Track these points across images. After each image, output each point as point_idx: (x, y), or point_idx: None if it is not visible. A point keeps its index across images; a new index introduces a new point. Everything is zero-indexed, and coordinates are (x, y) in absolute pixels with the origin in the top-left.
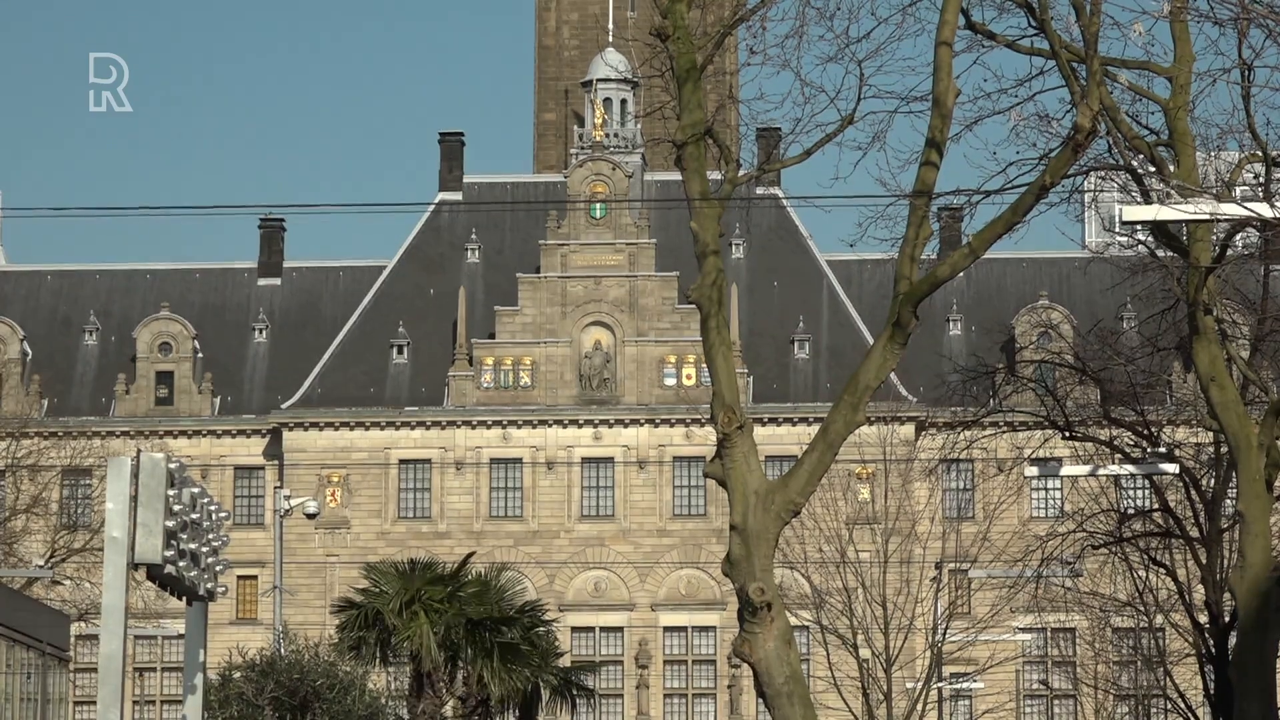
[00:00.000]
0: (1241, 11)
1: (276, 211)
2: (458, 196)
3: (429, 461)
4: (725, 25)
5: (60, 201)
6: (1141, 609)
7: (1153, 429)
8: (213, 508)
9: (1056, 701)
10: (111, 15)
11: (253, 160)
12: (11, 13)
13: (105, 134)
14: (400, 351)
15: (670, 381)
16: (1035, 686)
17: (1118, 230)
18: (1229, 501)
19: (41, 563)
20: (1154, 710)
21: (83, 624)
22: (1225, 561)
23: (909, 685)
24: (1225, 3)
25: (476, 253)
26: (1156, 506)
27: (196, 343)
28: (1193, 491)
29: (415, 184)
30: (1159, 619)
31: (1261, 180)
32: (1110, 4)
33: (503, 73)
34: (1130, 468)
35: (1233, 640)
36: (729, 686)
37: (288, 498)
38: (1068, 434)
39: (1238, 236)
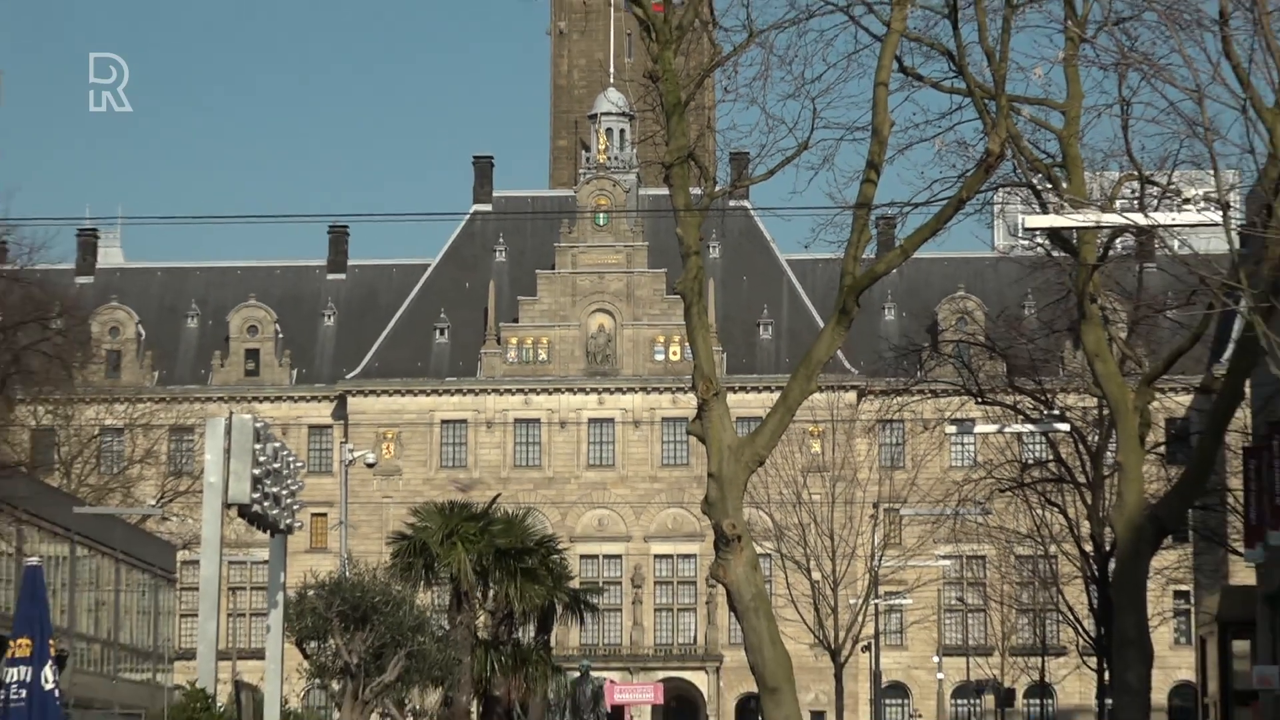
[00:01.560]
0: (1121, 58)
1: (342, 220)
2: (488, 208)
3: (465, 421)
4: (704, 69)
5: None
6: (1039, 540)
7: (1048, 395)
8: (290, 458)
9: (970, 615)
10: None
11: (322, 176)
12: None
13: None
14: (442, 333)
15: (660, 357)
16: (953, 603)
17: (1021, 235)
18: (1110, 454)
19: (153, 503)
20: (1048, 622)
21: (186, 552)
22: (1106, 502)
23: (851, 602)
24: (1108, 51)
25: (503, 253)
26: (1051, 458)
27: (277, 326)
28: (1080, 446)
29: (453, 197)
30: (1053, 548)
31: (1137, 195)
32: (1015, 52)
33: (525, 107)
34: (1030, 426)
35: (1112, 565)
36: (707, 603)
37: (351, 451)
38: (980, 399)
39: (1118, 240)
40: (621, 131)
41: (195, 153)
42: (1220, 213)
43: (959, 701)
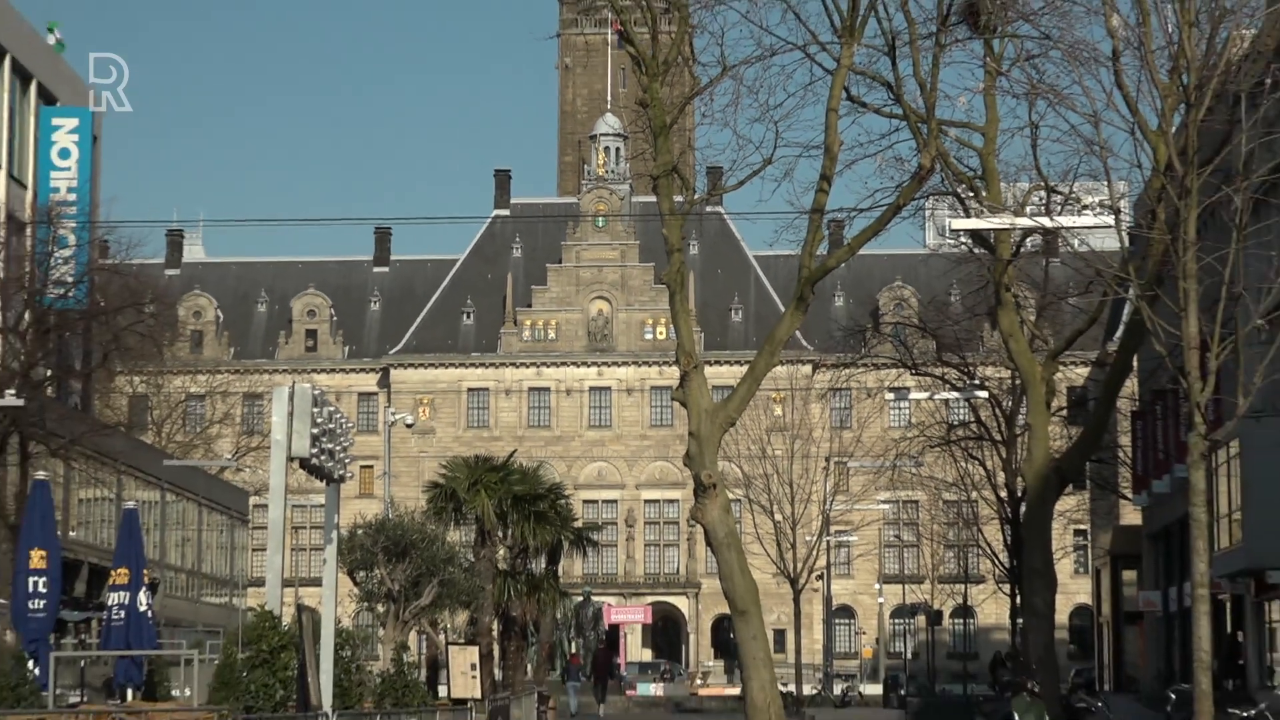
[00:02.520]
0: (1031, 89)
1: (386, 222)
2: (506, 213)
3: (487, 389)
4: (685, 98)
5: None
6: (962, 488)
7: (970, 368)
8: (342, 420)
9: (905, 550)
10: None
11: (369, 185)
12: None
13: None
14: (468, 316)
15: (649, 336)
16: (891, 539)
17: (948, 235)
18: (1021, 416)
19: (229, 457)
20: (970, 555)
21: (256, 497)
22: (1018, 456)
23: (807, 539)
24: (1020, 83)
25: (519, 250)
26: (972, 420)
27: (332, 310)
28: (996, 410)
29: (478, 204)
30: (974, 495)
31: (1044, 202)
32: (943, 83)
33: (537, 128)
34: (955, 394)
35: (1023, 509)
36: (687, 540)
37: (393, 414)
38: (914, 371)
39: (1028, 240)
40: (617, 149)
41: (266, 162)
42: (1113, 217)
43: (896, 621)
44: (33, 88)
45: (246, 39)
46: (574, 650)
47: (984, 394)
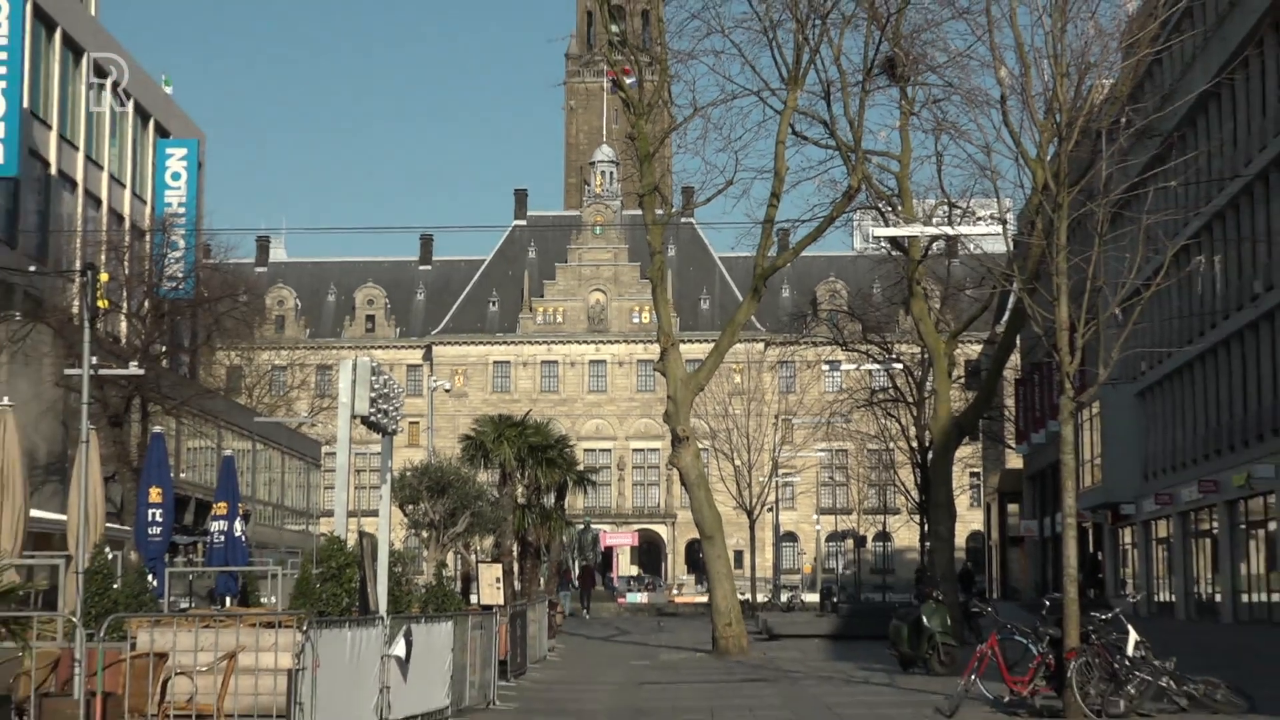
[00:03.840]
0: (937, 125)
1: (429, 229)
2: (524, 222)
3: (509, 362)
4: (664, 132)
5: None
6: (882, 439)
7: (889, 345)
8: (394, 386)
9: (837, 488)
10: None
11: (416, 199)
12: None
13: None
14: (494, 304)
15: (636, 321)
16: (826, 480)
17: (871, 240)
18: (928, 383)
19: (305, 415)
20: (888, 492)
21: (327, 446)
22: (926, 414)
23: (760, 479)
24: (928, 120)
25: (534, 252)
26: (890, 386)
27: (386, 300)
28: (909, 378)
29: (501, 215)
30: (891, 445)
31: (947, 214)
32: (868, 121)
33: (548, 155)
34: (876, 366)
35: (929, 456)
36: (666, 480)
37: (435, 381)
38: (844, 347)
39: (934, 244)
40: (611, 173)
41: (335, 181)
42: (1000, 226)
43: (830, 544)
44: (151, 124)
45: (322, 84)
46: (568, 567)
47: (899, 366)
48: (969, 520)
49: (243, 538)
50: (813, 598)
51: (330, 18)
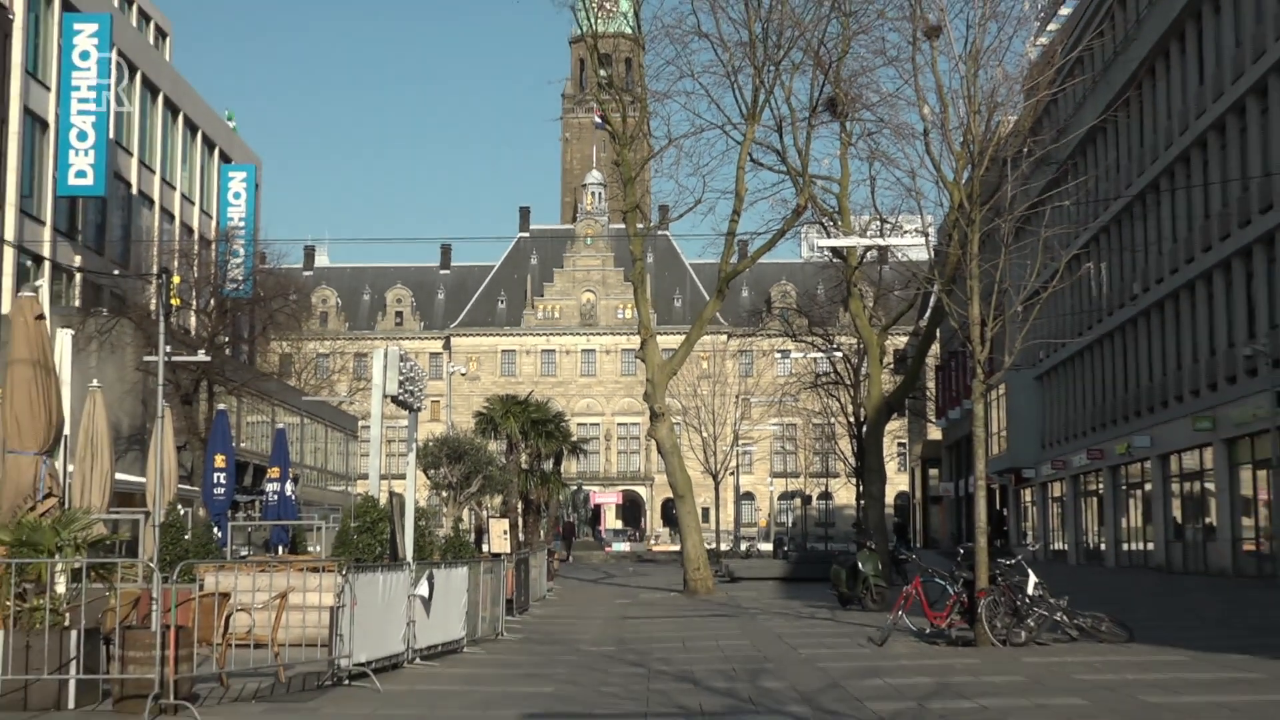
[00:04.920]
0: (870, 154)
1: (448, 239)
2: (527, 234)
3: (514, 351)
4: (644, 160)
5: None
6: (825, 415)
7: (830, 337)
8: (419, 370)
9: (788, 455)
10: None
11: (439, 214)
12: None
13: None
14: (502, 303)
15: (620, 316)
16: (778, 449)
17: (816, 249)
18: (863, 369)
19: (345, 395)
20: (829, 459)
21: (363, 421)
22: (860, 395)
23: (723, 448)
24: (863, 150)
25: (535, 259)
26: (832, 371)
27: (413, 299)
28: (848, 364)
29: (508, 228)
30: (832, 420)
31: (878, 228)
32: (814, 150)
33: (548, 179)
34: (821, 354)
35: (864, 429)
36: (645, 449)
37: (452, 367)
38: (794, 339)
39: (868, 253)
40: (599, 193)
41: (370, 197)
42: (923, 238)
43: (781, 502)
44: (216, 152)
45: (360, 119)
46: (563, 521)
47: (839, 354)
48: (897, 482)
49: (292, 497)
50: (767, 547)
51: (368, 65)
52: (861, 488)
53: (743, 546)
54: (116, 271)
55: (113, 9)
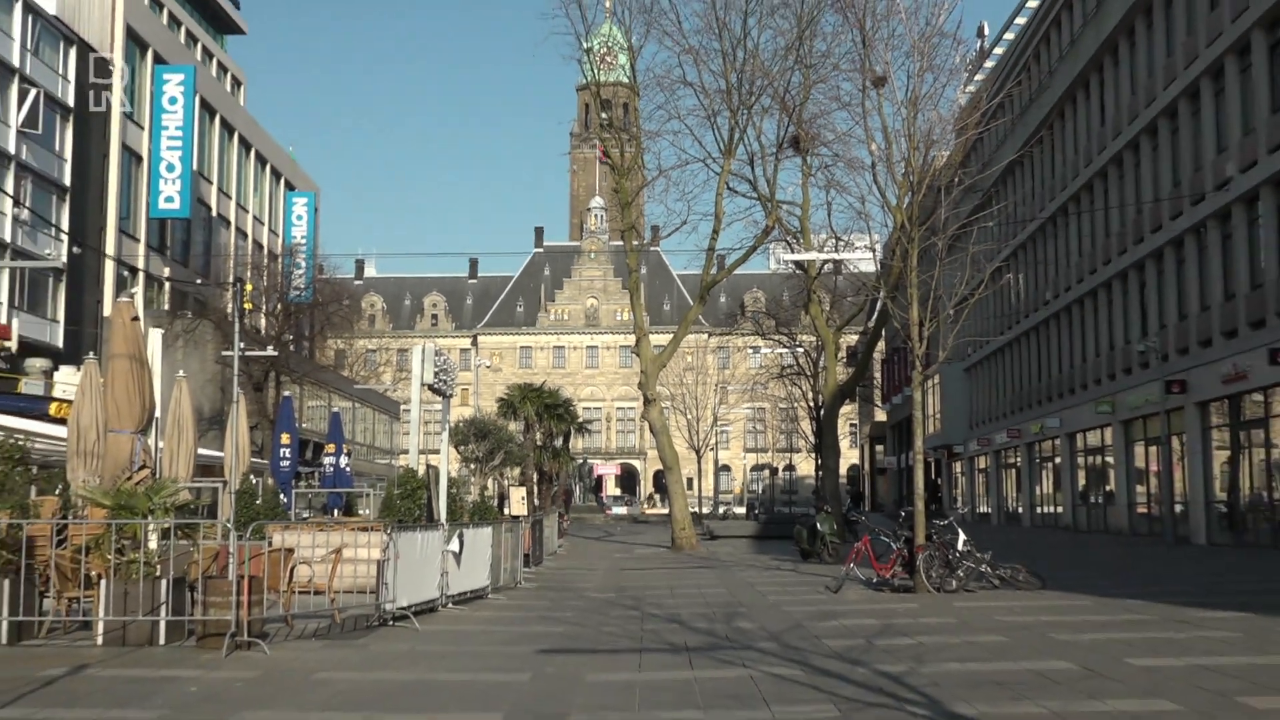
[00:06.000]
0: (827, 184)
1: (474, 254)
2: (541, 250)
3: (531, 347)
4: (638, 188)
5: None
6: (789, 401)
7: (794, 335)
8: (451, 363)
9: (758, 434)
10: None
11: (468, 232)
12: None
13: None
14: (520, 307)
15: (619, 319)
16: (750, 429)
17: (782, 262)
18: (821, 362)
19: (389, 383)
20: (793, 437)
21: (404, 405)
22: (819, 383)
23: (704, 428)
24: (821, 179)
25: (548, 270)
26: (795, 364)
27: (446, 303)
28: (809, 358)
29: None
30: (796, 405)
31: (834, 244)
32: (781, 180)
33: (559, 203)
34: (786, 350)
35: (822, 412)
36: (639, 428)
37: (479, 361)
38: (764, 337)
39: (825, 265)
40: (601, 215)
41: (412, 216)
42: (871, 253)
43: (752, 473)
44: (281, 181)
45: (403, 152)
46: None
47: (801, 350)
48: (849, 456)
49: (346, 468)
50: (741, 510)
51: (409, 108)
52: (819, 461)
53: (720, 510)
54: (199, 281)
55: (196, 62)
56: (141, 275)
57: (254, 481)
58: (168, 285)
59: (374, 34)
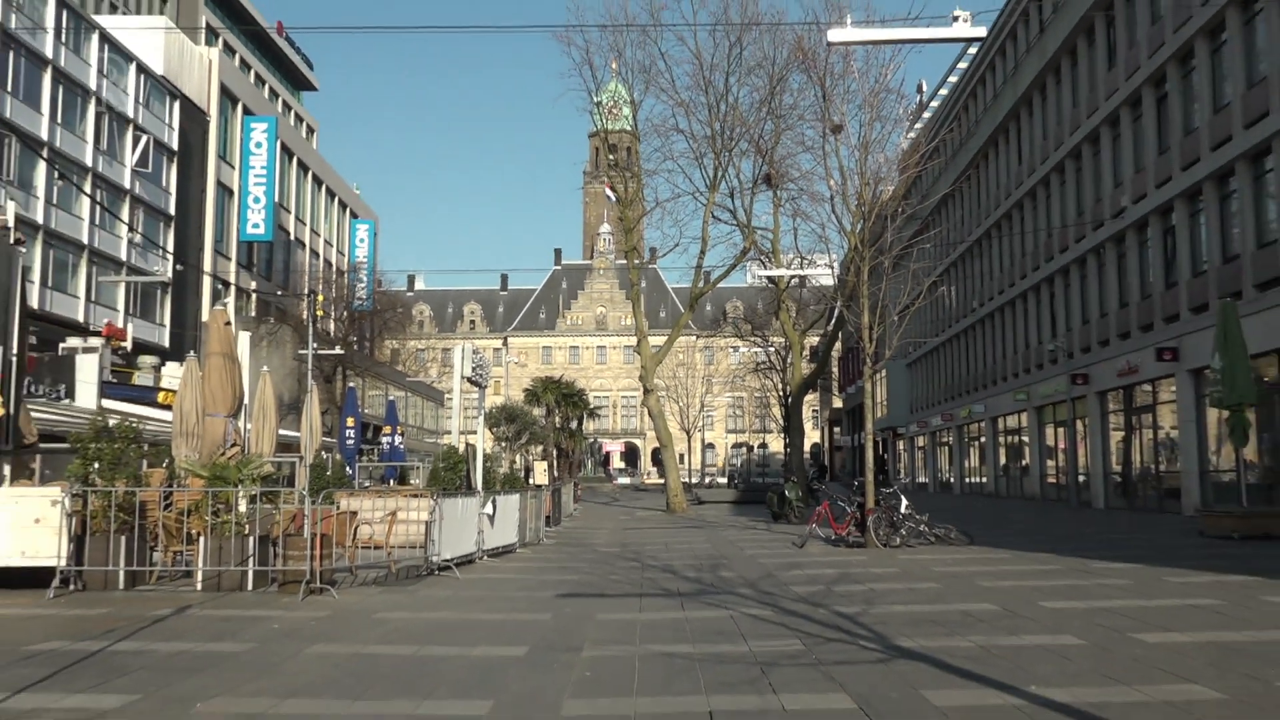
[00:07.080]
0: (794, 213)
1: (505, 270)
2: (560, 267)
3: (552, 347)
4: (639, 217)
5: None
6: (762, 391)
7: (767, 337)
8: (486, 360)
9: (737, 418)
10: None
11: (499, 253)
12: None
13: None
14: (543, 314)
15: (624, 324)
16: (730, 414)
17: (757, 277)
18: (789, 359)
19: (435, 376)
20: (766, 420)
21: (447, 395)
22: (787, 377)
23: (693, 413)
24: (789, 208)
25: (565, 284)
26: (768, 361)
27: (481, 311)
28: (779, 356)
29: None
30: (769, 395)
31: (799, 263)
32: (757, 209)
33: (574, 228)
34: (760, 349)
35: (789, 400)
36: (640, 413)
37: (509, 359)
38: (742, 339)
39: (793, 280)
40: (609, 239)
41: (452, 238)
42: (831, 270)
43: (733, 450)
44: (347, 211)
45: (448, 186)
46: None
47: (773, 349)
48: (812, 436)
49: (400, 446)
50: (723, 480)
51: (452, 150)
52: (788, 440)
53: (706, 480)
54: (280, 292)
55: (277, 113)
56: (233, 288)
57: (324, 457)
58: (254, 296)
59: (424, 91)
